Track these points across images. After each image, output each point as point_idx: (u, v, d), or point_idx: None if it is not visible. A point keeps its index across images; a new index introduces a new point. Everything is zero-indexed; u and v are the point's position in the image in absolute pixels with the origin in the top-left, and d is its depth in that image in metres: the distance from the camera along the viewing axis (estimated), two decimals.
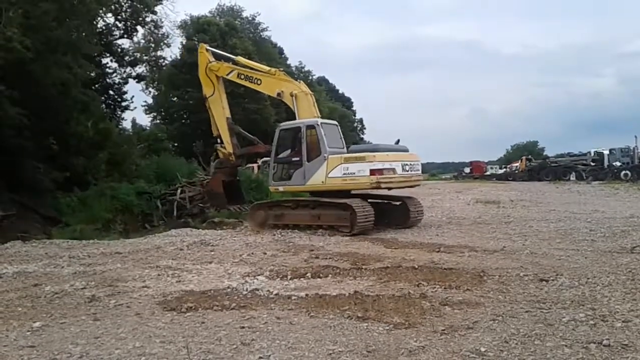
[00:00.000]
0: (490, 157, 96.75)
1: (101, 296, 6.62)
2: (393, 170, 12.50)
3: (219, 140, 16.73)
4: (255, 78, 15.31)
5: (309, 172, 13.02)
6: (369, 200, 13.41)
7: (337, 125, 14.37)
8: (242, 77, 15.69)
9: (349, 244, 10.74)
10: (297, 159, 13.36)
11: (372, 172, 12.09)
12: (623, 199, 21.09)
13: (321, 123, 13.36)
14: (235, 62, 16.50)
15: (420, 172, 13.96)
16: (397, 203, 13.81)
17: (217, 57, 16.99)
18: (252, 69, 15.80)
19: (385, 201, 14.09)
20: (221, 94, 16.62)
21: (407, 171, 12.95)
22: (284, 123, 14.81)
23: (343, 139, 14.11)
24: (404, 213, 13.39)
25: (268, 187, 19.66)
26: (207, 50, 16.97)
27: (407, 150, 13.57)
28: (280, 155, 14.01)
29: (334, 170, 12.55)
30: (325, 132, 13.16)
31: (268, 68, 15.54)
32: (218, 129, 16.58)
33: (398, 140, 14.03)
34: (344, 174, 12.41)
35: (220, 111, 16.57)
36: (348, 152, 13.18)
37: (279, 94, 14.48)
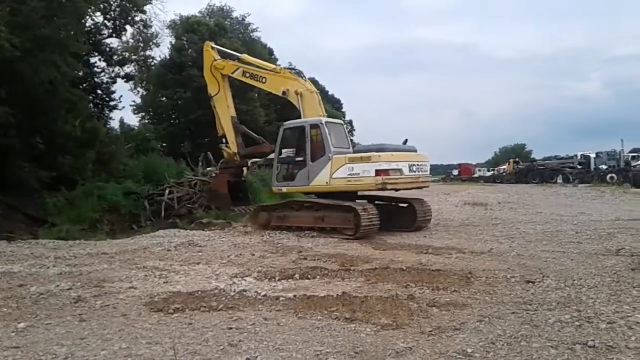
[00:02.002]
0: (479, 159, 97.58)
1: (87, 297, 6.57)
2: (399, 170, 12.10)
3: (223, 140, 16.48)
4: (260, 76, 15.04)
5: (313, 172, 12.72)
6: (376, 202, 13.08)
7: (342, 125, 13.92)
8: (247, 75, 15.44)
9: (337, 246, 10.76)
10: (301, 158, 13.07)
11: (378, 172, 11.71)
12: (609, 202, 21.28)
13: (326, 122, 13.04)
14: (240, 60, 16.25)
15: (428, 172, 13.56)
16: (404, 205, 13.45)
17: (223, 55, 16.77)
18: (257, 66, 15.56)
19: (393, 203, 13.72)
20: (226, 92, 16.40)
21: (415, 172, 12.53)
22: (287, 122, 14.36)
23: (349, 139, 13.64)
24: (411, 215, 13.03)
25: (258, 189, 19.62)
26: (212, 48, 16.75)
27: (415, 151, 13.17)
28: (283, 155, 13.64)
29: (338, 171, 12.23)
30: (330, 132, 12.78)
31: (273, 66, 15.18)
32: (223, 128, 16.34)
33: (406, 140, 13.60)
34: (349, 174, 12.07)
35: (225, 110, 16.33)
36: (353, 152, 12.80)
37: (284, 92, 14.18)
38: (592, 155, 46.76)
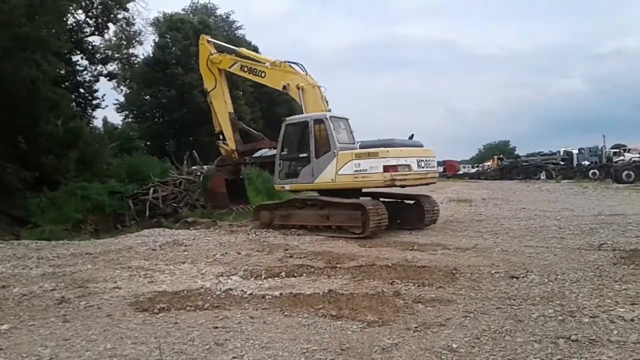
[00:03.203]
0: (463, 156, 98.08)
1: (71, 298, 6.50)
2: (408, 166, 11.66)
3: (220, 137, 15.95)
4: (260, 70, 14.48)
5: (318, 169, 12.26)
6: (380, 199, 12.66)
7: (347, 120, 13.39)
8: (246, 69, 14.87)
9: (323, 243, 10.76)
10: (305, 155, 12.59)
11: (386, 168, 11.24)
12: (591, 197, 21.57)
13: (330, 117, 12.52)
14: (237, 54, 15.75)
15: (436, 168, 13.21)
16: (411, 202, 13.08)
17: (219, 49, 16.30)
18: (255, 60, 15.08)
19: (398, 200, 13.34)
20: (223, 87, 15.89)
21: (423, 167, 12.13)
22: (290, 117, 13.85)
23: (354, 134, 13.18)
24: (418, 213, 12.66)
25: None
26: (208, 41, 16.25)
27: (421, 146, 12.80)
28: (285, 152, 13.16)
29: (344, 167, 11.78)
30: (335, 127, 12.37)
31: (273, 60, 14.48)
32: (220, 125, 15.83)
33: (412, 135, 13.19)
34: (355, 171, 11.60)
35: (222, 106, 15.79)
36: (359, 148, 12.38)
37: (284, 87, 13.65)
38: (575, 152, 47.30)
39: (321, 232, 11.98)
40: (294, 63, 14.03)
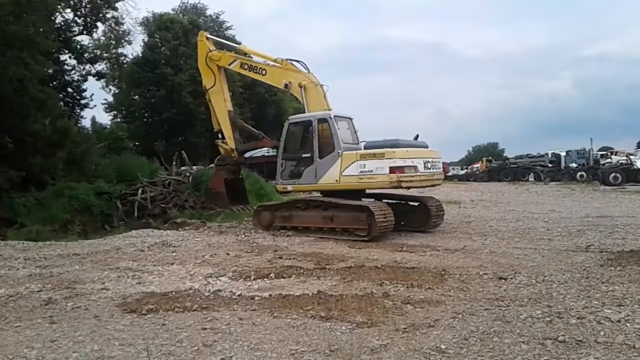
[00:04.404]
0: (452, 158, 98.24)
1: (58, 299, 6.45)
2: (415, 168, 11.44)
3: (219, 136, 15.82)
4: (260, 68, 14.23)
5: (321, 169, 12.06)
6: (384, 200, 12.53)
7: (351, 119, 13.19)
8: (246, 67, 14.65)
9: (313, 244, 10.75)
10: (308, 155, 12.41)
11: (392, 170, 11.05)
12: (579, 199, 21.74)
13: (334, 116, 12.27)
14: (237, 51, 15.64)
15: (441, 170, 13.00)
16: (415, 204, 12.87)
17: (218, 46, 16.15)
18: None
19: (402, 202, 13.06)
20: (223, 85, 15.72)
21: (429, 169, 11.95)
22: (293, 116, 13.57)
23: (357, 134, 13.05)
24: (422, 215, 12.40)
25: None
26: (207, 38, 16.07)
27: (427, 147, 12.58)
28: (288, 152, 12.99)
29: (349, 168, 11.59)
30: (339, 127, 12.19)
31: (274, 57, 14.16)
32: (219, 123, 15.68)
33: (417, 136, 12.96)
34: (361, 171, 11.41)
35: (221, 104, 15.63)
36: (364, 148, 12.22)
37: (286, 85, 13.42)
38: (563, 154, 47.72)
39: (325, 234, 11.73)
40: (296, 61, 13.80)
